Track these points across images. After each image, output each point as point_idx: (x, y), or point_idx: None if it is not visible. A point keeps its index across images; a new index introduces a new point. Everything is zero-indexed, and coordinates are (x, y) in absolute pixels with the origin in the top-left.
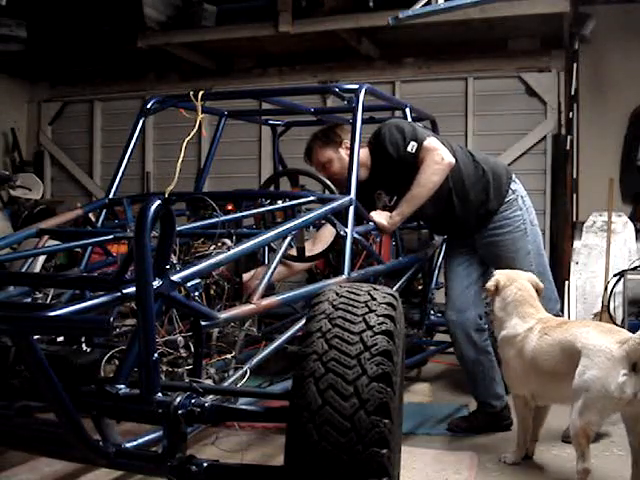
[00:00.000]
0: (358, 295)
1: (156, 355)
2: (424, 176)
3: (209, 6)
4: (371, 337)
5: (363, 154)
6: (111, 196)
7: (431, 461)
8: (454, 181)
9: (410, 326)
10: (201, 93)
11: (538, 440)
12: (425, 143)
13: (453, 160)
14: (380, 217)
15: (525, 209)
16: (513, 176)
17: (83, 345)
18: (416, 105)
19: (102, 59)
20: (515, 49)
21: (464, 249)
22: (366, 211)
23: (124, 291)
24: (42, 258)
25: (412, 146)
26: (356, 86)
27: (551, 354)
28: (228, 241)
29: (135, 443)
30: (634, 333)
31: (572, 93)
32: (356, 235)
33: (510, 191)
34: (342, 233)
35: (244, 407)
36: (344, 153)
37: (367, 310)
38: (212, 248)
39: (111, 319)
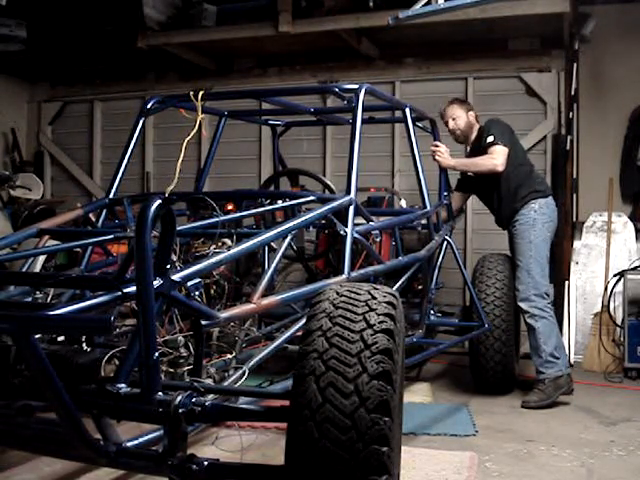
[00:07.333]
0: (358, 294)
1: (156, 355)
2: (479, 162)
3: (209, 6)
4: (371, 335)
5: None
6: (111, 196)
7: (431, 461)
8: (500, 187)
9: (410, 326)
10: (201, 93)
11: None
12: (496, 146)
13: (499, 170)
14: (444, 151)
15: (540, 214)
16: (548, 197)
17: (83, 344)
18: (416, 105)
19: (102, 59)
20: (515, 49)
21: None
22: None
23: (125, 290)
24: (42, 258)
25: (490, 138)
26: (356, 86)
27: None
28: (228, 241)
29: (136, 442)
30: (634, 333)
31: (572, 93)
32: (356, 235)
33: (532, 201)
34: (342, 233)
35: (244, 406)
36: (470, 116)
37: (367, 309)
38: (212, 248)
39: (112, 318)
